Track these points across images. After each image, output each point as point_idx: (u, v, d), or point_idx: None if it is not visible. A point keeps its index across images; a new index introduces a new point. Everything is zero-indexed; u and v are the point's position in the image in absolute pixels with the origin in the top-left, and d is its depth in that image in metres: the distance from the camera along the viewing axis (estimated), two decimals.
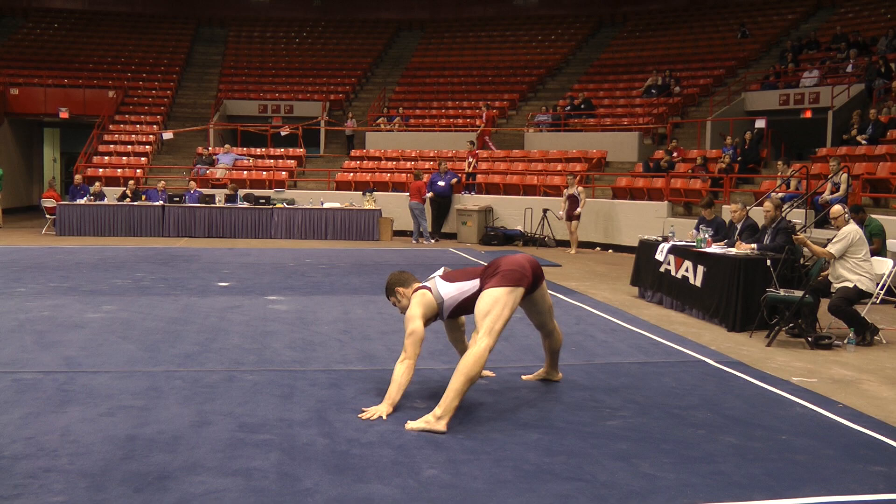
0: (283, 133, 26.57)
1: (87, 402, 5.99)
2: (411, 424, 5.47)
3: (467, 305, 6.03)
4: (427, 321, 6.02)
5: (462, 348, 6.62)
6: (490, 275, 5.94)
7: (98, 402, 5.98)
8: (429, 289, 6.13)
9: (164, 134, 26.30)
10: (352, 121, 27.81)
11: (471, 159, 23.31)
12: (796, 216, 13.50)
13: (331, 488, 4.47)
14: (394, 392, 5.81)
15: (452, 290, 6.06)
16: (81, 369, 6.99)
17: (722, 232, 11.83)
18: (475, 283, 6.01)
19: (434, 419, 5.45)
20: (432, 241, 20.68)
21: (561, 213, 19.13)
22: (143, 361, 7.33)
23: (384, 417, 5.65)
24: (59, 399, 6.05)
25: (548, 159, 23.80)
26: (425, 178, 21.43)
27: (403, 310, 6.15)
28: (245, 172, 24.61)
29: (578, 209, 18.65)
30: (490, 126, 26.42)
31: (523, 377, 7.04)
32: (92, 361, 7.29)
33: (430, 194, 21.02)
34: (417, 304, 6.00)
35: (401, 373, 5.81)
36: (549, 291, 7.00)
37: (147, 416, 5.67)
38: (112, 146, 26.68)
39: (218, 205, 21.07)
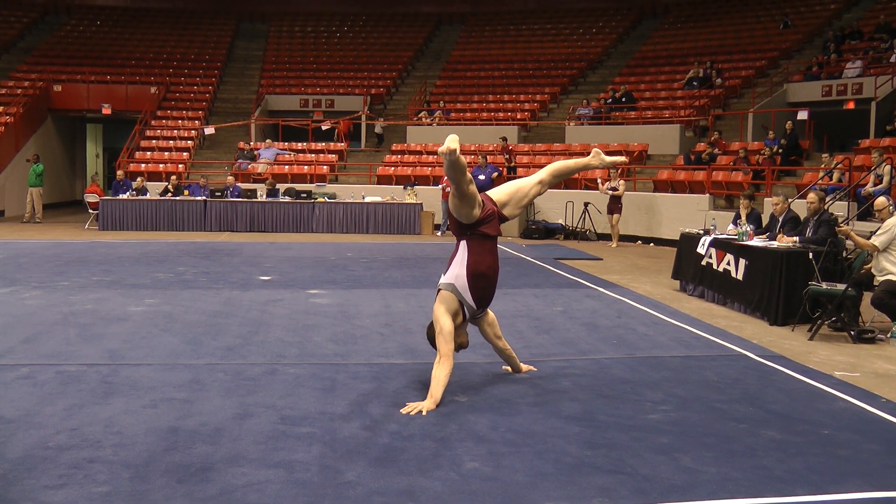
0: (324, 127, 26.65)
1: (130, 394, 6.07)
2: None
3: (478, 262, 6.11)
4: (454, 315, 6.07)
5: (500, 346, 6.63)
6: (486, 201, 6.27)
7: (141, 394, 6.05)
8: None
9: (205, 129, 26.49)
10: (381, 118, 27.88)
11: (507, 155, 23.06)
12: (839, 208, 13.32)
13: (372, 481, 4.49)
14: (434, 389, 5.84)
15: (455, 268, 6.16)
16: (124, 362, 7.08)
17: (757, 223, 11.80)
18: (462, 244, 6.17)
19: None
20: (438, 233, 21.08)
21: (604, 193, 19.15)
22: (186, 354, 7.41)
23: (424, 413, 5.67)
24: (102, 391, 6.13)
25: (589, 153, 23.58)
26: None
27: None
28: (286, 167, 24.72)
29: (619, 192, 18.66)
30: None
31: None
32: (135, 354, 7.39)
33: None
34: (438, 304, 6.10)
35: (438, 371, 5.89)
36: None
37: (190, 408, 5.73)
38: (154, 141, 26.95)
39: (259, 199, 21.20)
